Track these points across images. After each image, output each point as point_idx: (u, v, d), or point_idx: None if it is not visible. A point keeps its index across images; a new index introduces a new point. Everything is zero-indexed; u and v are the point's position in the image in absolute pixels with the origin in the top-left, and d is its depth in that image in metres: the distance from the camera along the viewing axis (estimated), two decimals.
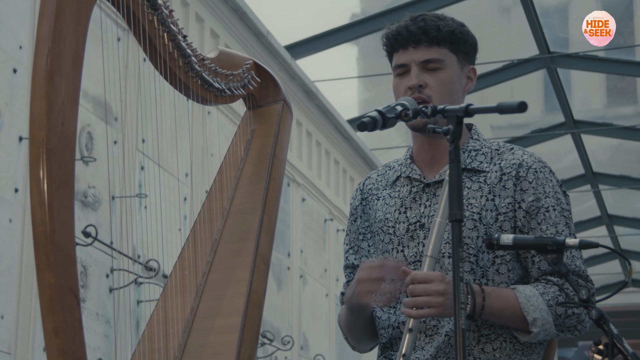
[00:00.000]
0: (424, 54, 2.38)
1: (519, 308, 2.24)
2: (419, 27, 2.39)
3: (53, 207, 1.86)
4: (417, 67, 2.38)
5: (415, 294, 2.18)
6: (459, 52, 2.42)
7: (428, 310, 2.18)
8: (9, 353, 4.50)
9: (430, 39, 2.38)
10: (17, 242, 4.62)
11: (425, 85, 2.37)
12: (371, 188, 2.52)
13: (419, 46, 2.39)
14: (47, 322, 1.85)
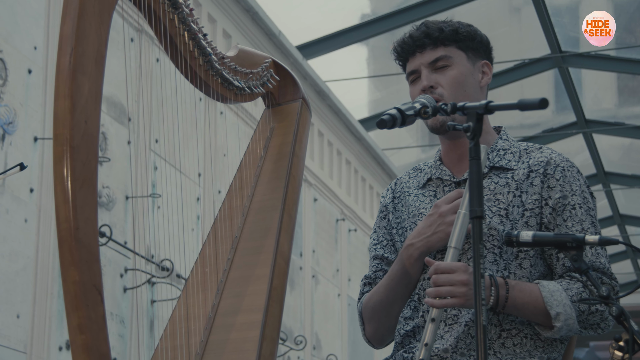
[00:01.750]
0: (430, 55, 2.43)
1: (542, 302, 2.26)
2: (422, 32, 2.45)
3: (77, 205, 1.87)
4: (427, 69, 2.43)
5: (438, 283, 2.20)
6: (467, 49, 2.46)
7: (451, 300, 2.20)
8: (25, 352, 4.52)
9: (434, 40, 2.44)
10: (33, 242, 4.64)
11: (436, 85, 2.41)
12: (403, 187, 2.56)
13: (425, 50, 2.44)
14: (71, 318, 1.86)
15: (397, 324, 2.47)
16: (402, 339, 2.45)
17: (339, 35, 8.12)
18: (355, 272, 8.74)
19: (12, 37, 4.59)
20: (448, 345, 2.32)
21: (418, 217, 2.46)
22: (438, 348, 2.33)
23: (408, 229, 2.48)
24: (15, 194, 4.53)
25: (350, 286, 8.62)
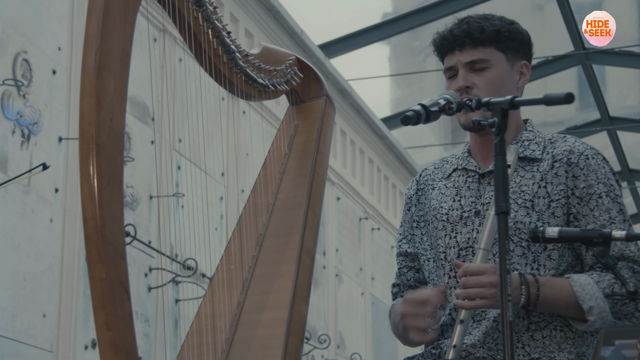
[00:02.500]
0: (468, 56, 2.41)
1: (574, 297, 2.24)
2: (463, 30, 2.43)
3: (103, 202, 1.88)
4: (464, 69, 2.41)
5: (467, 285, 2.20)
6: (507, 49, 2.44)
7: (480, 301, 2.19)
8: (51, 351, 4.54)
9: (474, 40, 2.41)
10: (58, 242, 4.66)
11: (472, 85, 2.40)
12: (427, 179, 2.56)
13: (464, 48, 2.42)
14: (98, 315, 1.87)
15: None
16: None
17: (360, 34, 8.12)
18: (379, 271, 8.73)
19: (36, 38, 4.62)
20: (476, 341, 2.31)
21: (439, 209, 2.45)
22: (466, 344, 2.32)
23: (429, 222, 2.48)
24: (40, 194, 4.56)
25: (373, 285, 8.62)
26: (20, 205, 4.41)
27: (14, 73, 4.44)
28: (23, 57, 4.51)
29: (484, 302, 2.19)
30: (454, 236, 2.40)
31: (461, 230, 2.40)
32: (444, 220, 2.43)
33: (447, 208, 2.44)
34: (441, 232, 2.43)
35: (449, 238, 2.41)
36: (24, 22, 4.54)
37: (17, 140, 4.44)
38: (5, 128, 4.37)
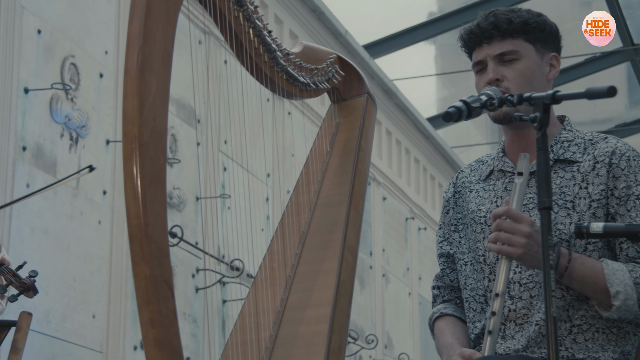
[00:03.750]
0: (497, 48, 2.38)
1: (603, 279, 2.21)
2: (490, 23, 2.40)
3: (147, 201, 1.89)
4: (493, 62, 2.38)
5: (500, 228, 2.19)
6: (536, 41, 2.40)
7: (505, 247, 2.17)
8: (101, 352, 4.60)
9: (502, 32, 2.38)
10: (107, 243, 4.72)
11: (502, 78, 2.37)
12: (464, 181, 2.52)
13: (492, 41, 2.39)
14: (143, 313, 1.88)
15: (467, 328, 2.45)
16: (474, 343, 2.43)
17: (405, 33, 8.10)
18: (426, 271, 8.70)
19: (83, 42, 4.69)
20: (520, 346, 2.29)
21: (477, 212, 2.42)
22: (509, 347, 2.30)
23: (467, 225, 2.45)
24: (89, 196, 4.62)
25: (421, 285, 8.59)
26: (69, 207, 4.48)
27: (62, 77, 4.51)
28: (71, 61, 4.58)
29: (509, 250, 2.17)
30: None
31: None
32: (482, 223, 2.41)
33: (485, 211, 2.41)
34: (480, 235, 2.40)
35: (487, 241, 2.38)
36: (71, 27, 4.61)
37: (65, 144, 4.50)
38: (54, 131, 4.43)
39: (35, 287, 2.37)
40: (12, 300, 2.39)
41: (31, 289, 2.37)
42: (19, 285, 2.36)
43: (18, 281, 2.36)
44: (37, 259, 4.19)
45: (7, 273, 2.37)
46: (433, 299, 2.57)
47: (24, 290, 2.36)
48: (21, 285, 2.36)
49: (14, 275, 2.37)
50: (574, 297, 2.29)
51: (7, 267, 2.37)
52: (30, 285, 2.36)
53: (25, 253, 4.13)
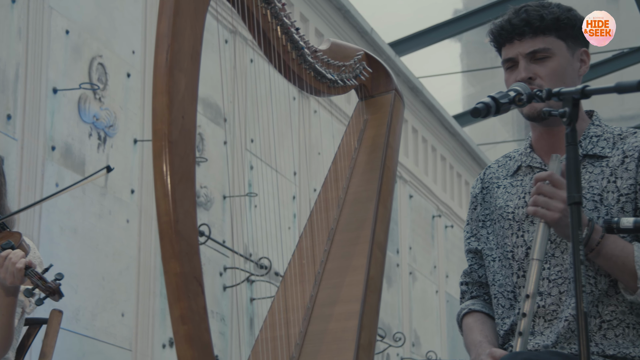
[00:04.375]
0: (529, 46, 2.36)
1: (632, 260, 2.20)
2: (522, 19, 2.37)
3: (176, 198, 1.90)
4: (525, 60, 2.35)
5: (540, 191, 2.19)
6: (567, 37, 2.38)
7: (542, 210, 2.18)
8: (130, 350, 4.63)
9: (534, 29, 2.35)
10: (135, 242, 4.75)
11: (534, 76, 2.34)
12: (492, 177, 2.51)
13: (524, 38, 2.36)
14: (173, 309, 1.89)
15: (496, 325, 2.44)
16: (502, 339, 2.42)
17: (431, 31, 8.09)
18: (453, 269, 8.68)
19: (111, 42, 4.72)
20: (549, 342, 2.27)
21: (504, 208, 2.41)
22: (538, 344, 2.29)
23: (495, 221, 2.44)
24: (117, 196, 4.65)
25: (448, 283, 8.57)
26: (97, 206, 4.51)
27: (89, 77, 4.54)
28: (98, 61, 4.61)
29: (544, 213, 2.18)
30: (521, 235, 2.37)
31: (528, 228, 2.36)
32: (510, 219, 2.39)
33: (512, 207, 2.40)
34: (508, 231, 2.39)
35: (516, 237, 2.37)
36: (99, 27, 4.64)
37: (93, 143, 4.53)
38: (82, 131, 4.47)
39: (60, 290, 2.39)
40: (38, 304, 2.41)
41: (56, 293, 2.39)
42: (44, 289, 2.37)
43: (44, 284, 2.38)
44: (66, 258, 4.23)
45: (34, 276, 2.38)
46: (461, 295, 2.56)
47: (49, 294, 2.38)
48: (47, 289, 2.37)
49: (40, 279, 2.39)
50: (602, 292, 2.27)
51: (33, 270, 2.39)
52: (55, 289, 2.38)
53: (55, 252, 4.16)
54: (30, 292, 2.38)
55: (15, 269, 2.36)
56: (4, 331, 2.45)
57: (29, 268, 2.38)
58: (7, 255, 2.38)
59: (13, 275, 2.37)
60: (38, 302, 2.39)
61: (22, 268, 2.37)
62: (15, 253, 2.39)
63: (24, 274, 2.37)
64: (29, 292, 2.38)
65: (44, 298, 2.38)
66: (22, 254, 2.41)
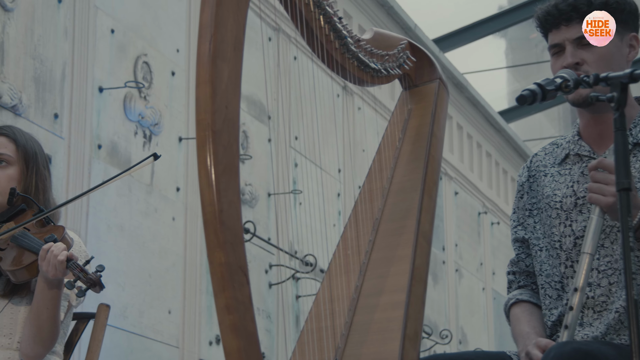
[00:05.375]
0: (576, 31, 2.32)
1: None
2: (569, 4, 2.33)
3: (220, 188, 1.89)
4: (572, 45, 2.31)
5: (594, 179, 2.18)
6: (616, 22, 2.34)
7: (595, 196, 2.16)
8: (177, 347, 4.65)
9: (582, 14, 2.31)
10: (181, 239, 4.77)
11: (582, 62, 2.30)
12: (539, 165, 2.48)
13: (571, 23, 2.33)
14: (219, 299, 1.89)
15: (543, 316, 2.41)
16: (550, 330, 2.39)
17: (475, 26, 8.05)
18: (500, 266, 8.62)
19: (155, 41, 4.75)
20: (598, 333, 2.24)
21: (552, 197, 2.38)
22: (587, 335, 2.25)
23: (542, 210, 2.41)
24: (163, 193, 4.68)
25: (494, 280, 8.50)
26: (144, 204, 4.54)
27: (135, 75, 4.57)
28: (143, 60, 4.64)
29: (598, 198, 2.16)
30: (569, 224, 2.33)
31: (576, 218, 2.32)
32: (558, 208, 2.36)
33: (560, 195, 2.36)
34: (555, 220, 2.36)
35: (563, 226, 2.33)
36: (143, 26, 4.67)
37: (139, 141, 4.56)
38: (128, 129, 4.50)
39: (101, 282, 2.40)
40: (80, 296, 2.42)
41: (97, 284, 2.40)
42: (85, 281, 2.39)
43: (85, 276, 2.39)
44: (113, 256, 4.26)
45: (75, 268, 2.40)
46: (508, 285, 2.53)
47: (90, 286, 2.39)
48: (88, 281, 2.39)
49: (81, 271, 2.40)
50: None
51: (74, 263, 2.41)
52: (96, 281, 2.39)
53: (102, 249, 4.20)
54: (72, 284, 2.40)
55: (57, 261, 2.38)
56: (50, 324, 2.46)
57: (70, 260, 2.40)
58: (49, 248, 2.40)
59: (55, 267, 2.38)
60: (80, 294, 2.40)
61: (64, 260, 2.38)
62: (57, 246, 2.41)
63: (65, 266, 2.39)
64: (71, 284, 2.40)
65: (85, 290, 2.39)
66: (64, 246, 2.42)
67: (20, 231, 2.52)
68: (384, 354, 2.14)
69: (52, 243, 2.43)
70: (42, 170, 2.65)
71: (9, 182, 2.58)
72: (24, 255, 2.49)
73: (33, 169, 2.62)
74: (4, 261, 2.50)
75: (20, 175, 2.61)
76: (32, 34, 3.99)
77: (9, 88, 3.83)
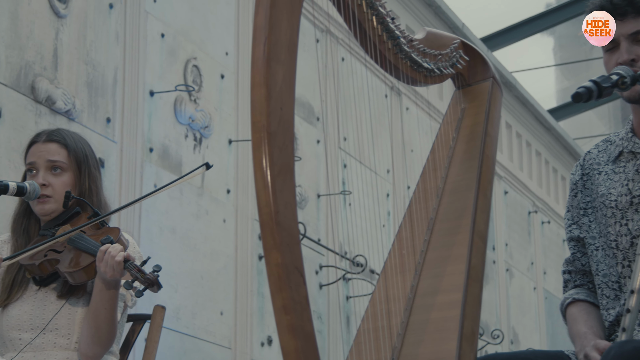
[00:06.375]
0: (632, 26, 2.28)
1: None
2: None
3: (276, 189, 1.91)
4: (627, 41, 2.27)
5: None
6: None
7: None
8: (230, 348, 4.68)
9: (637, 9, 2.28)
10: (232, 241, 4.80)
11: (638, 58, 2.26)
12: (592, 163, 2.44)
13: (626, 18, 2.29)
14: (276, 300, 1.90)
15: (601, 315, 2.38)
16: (608, 330, 2.36)
17: (523, 25, 7.99)
18: (551, 265, 8.54)
19: (205, 44, 4.78)
20: None
21: (607, 196, 2.34)
22: None
23: (597, 209, 2.37)
24: (213, 195, 4.71)
25: (546, 279, 8.43)
26: (195, 206, 4.57)
27: (185, 79, 4.61)
28: (193, 64, 4.68)
29: None
30: (625, 223, 2.29)
31: (632, 217, 2.29)
32: (613, 207, 2.32)
33: (615, 194, 2.32)
34: (611, 219, 2.32)
35: (619, 225, 2.30)
36: (193, 30, 4.71)
37: (189, 144, 4.60)
38: (178, 132, 4.54)
39: (158, 281, 2.42)
40: (138, 296, 2.44)
41: (155, 284, 2.42)
42: (143, 280, 2.41)
43: (142, 276, 2.42)
44: (165, 257, 4.30)
45: (133, 269, 2.42)
46: (564, 284, 2.50)
47: (148, 285, 2.42)
48: (146, 281, 2.41)
49: (138, 271, 2.43)
50: None
51: (132, 263, 2.43)
52: (154, 280, 2.41)
53: (154, 252, 4.24)
54: (130, 284, 2.42)
55: (114, 262, 2.41)
56: (108, 324, 2.49)
57: (127, 261, 2.42)
58: (106, 250, 2.43)
59: (113, 268, 2.41)
60: (138, 294, 2.42)
61: (121, 261, 2.41)
62: (114, 247, 2.44)
63: (123, 267, 2.41)
64: (129, 284, 2.42)
65: (143, 290, 2.41)
66: (121, 247, 2.45)
67: (76, 234, 2.55)
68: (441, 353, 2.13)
69: (109, 244, 2.46)
70: (94, 172, 2.69)
71: (64, 188, 2.62)
72: (81, 257, 2.53)
73: (85, 172, 2.66)
74: (62, 263, 2.54)
75: (74, 180, 2.64)
76: (84, 39, 4.04)
77: (62, 93, 3.89)
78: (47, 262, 2.55)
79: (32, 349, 2.54)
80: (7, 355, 2.55)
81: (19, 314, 2.57)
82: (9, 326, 2.57)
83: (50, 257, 2.55)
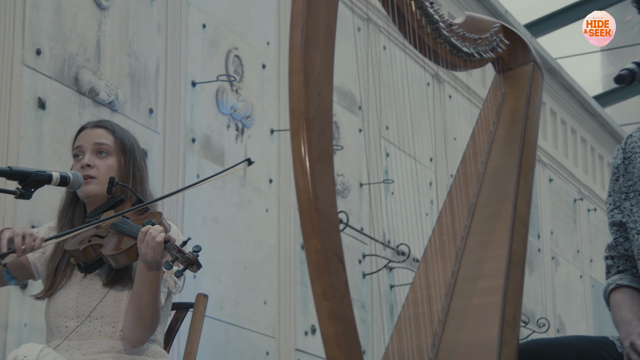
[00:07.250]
0: None
1: None
2: None
3: (315, 176, 1.91)
4: None
5: None
6: None
7: None
8: (274, 337, 4.70)
9: None
10: (274, 231, 4.82)
11: None
12: (634, 147, 2.40)
13: None
14: (315, 286, 1.90)
15: None
16: None
17: (567, 10, 7.90)
18: (597, 253, 8.45)
19: (246, 34, 4.79)
20: None
21: None
22: None
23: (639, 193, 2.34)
24: (256, 185, 4.73)
25: (592, 267, 8.34)
26: (237, 196, 4.59)
27: (226, 69, 4.63)
28: (234, 54, 4.69)
29: None
30: None
31: None
32: None
33: None
34: None
35: None
36: (234, 20, 4.72)
37: (232, 134, 4.62)
38: (220, 123, 4.56)
39: (198, 261, 2.43)
40: (178, 275, 2.45)
41: (195, 264, 2.43)
42: (183, 260, 2.42)
43: (182, 256, 2.43)
44: (208, 247, 4.32)
45: (173, 249, 2.44)
46: (607, 270, 2.47)
47: (188, 265, 2.43)
48: (185, 260, 2.42)
49: (178, 252, 2.44)
50: None
51: (172, 244, 2.45)
52: (194, 260, 2.42)
53: (198, 241, 4.24)
54: (170, 264, 2.44)
55: (155, 242, 2.42)
56: (151, 308, 2.50)
57: (168, 242, 2.44)
58: (147, 231, 2.44)
59: (153, 249, 2.42)
60: (177, 274, 2.43)
61: (162, 242, 2.42)
62: (155, 228, 2.45)
63: (163, 247, 2.43)
64: (169, 264, 2.43)
65: (183, 270, 2.42)
66: (161, 228, 2.46)
67: (119, 219, 2.57)
68: (483, 339, 2.12)
69: (149, 226, 2.47)
70: (140, 162, 2.71)
71: (109, 171, 2.64)
72: (123, 240, 2.55)
73: (130, 160, 2.68)
74: (105, 247, 2.56)
75: (118, 165, 2.66)
76: (126, 31, 4.07)
77: (105, 85, 3.92)
78: (91, 247, 2.57)
79: (78, 337, 2.56)
80: (53, 342, 2.58)
81: (65, 301, 2.59)
82: (55, 313, 2.60)
83: (94, 242, 2.57)
